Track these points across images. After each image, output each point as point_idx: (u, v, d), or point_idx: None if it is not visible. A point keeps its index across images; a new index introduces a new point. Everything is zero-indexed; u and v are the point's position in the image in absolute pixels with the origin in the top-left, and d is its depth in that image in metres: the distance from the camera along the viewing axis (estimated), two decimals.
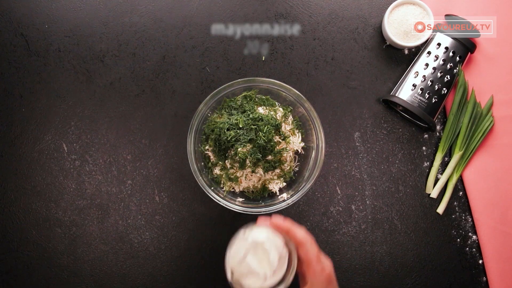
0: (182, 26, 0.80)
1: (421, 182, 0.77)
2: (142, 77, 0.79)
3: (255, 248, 0.57)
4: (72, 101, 0.78)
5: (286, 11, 0.80)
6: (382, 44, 0.80)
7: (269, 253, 0.56)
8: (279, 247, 0.57)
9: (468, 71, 0.78)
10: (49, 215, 0.76)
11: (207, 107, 0.72)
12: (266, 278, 0.56)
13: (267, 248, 0.57)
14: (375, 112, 0.78)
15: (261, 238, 0.57)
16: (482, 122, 0.76)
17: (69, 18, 0.80)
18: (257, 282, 0.57)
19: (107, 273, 0.76)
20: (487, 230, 0.75)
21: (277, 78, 0.76)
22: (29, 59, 0.79)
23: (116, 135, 0.78)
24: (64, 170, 0.77)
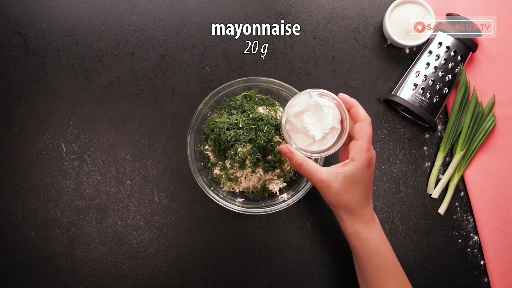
0: (181, 25, 0.79)
1: (422, 182, 0.77)
2: (141, 77, 0.78)
3: (315, 109, 0.61)
4: (70, 101, 0.78)
5: (286, 10, 0.80)
6: (383, 43, 0.79)
7: (326, 117, 0.60)
8: (336, 117, 0.61)
9: (470, 70, 0.78)
10: (47, 215, 0.76)
11: (206, 106, 0.71)
12: (314, 140, 0.61)
13: (326, 112, 0.60)
14: (376, 111, 0.78)
15: (324, 102, 0.61)
16: (484, 122, 0.76)
17: (67, 17, 0.79)
18: (304, 141, 0.62)
19: (106, 273, 0.75)
20: (488, 230, 0.74)
21: (277, 77, 0.76)
22: (28, 58, 0.79)
23: (115, 135, 0.77)
24: (63, 170, 0.77)
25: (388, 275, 0.62)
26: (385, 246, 0.62)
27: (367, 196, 0.61)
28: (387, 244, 0.63)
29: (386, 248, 0.62)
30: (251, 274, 0.75)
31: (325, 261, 0.75)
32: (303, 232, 0.76)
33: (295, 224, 0.76)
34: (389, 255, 0.62)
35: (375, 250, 0.61)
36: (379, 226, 0.63)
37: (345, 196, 0.60)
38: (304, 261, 0.75)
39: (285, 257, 0.75)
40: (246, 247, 0.75)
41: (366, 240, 0.61)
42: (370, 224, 0.62)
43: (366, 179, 0.60)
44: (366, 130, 0.60)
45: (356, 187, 0.60)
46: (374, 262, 0.62)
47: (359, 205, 0.61)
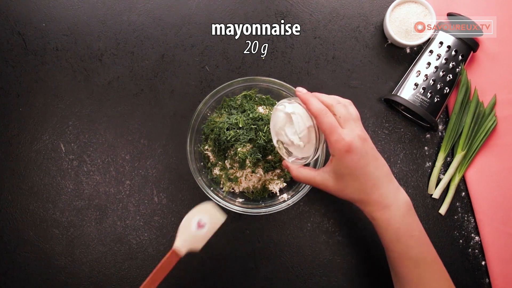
0: (181, 25, 0.79)
1: (423, 182, 0.77)
2: (141, 76, 0.78)
3: (289, 118, 0.61)
4: (69, 101, 0.78)
5: (287, 10, 0.79)
6: (384, 42, 0.79)
7: (297, 123, 0.60)
8: (305, 118, 0.59)
9: (471, 70, 0.77)
10: (46, 216, 0.76)
11: (206, 106, 0.71)
12: (303, 147, 0.60)
13: (294, 118, 0.60)
14: (377, 111, 0.78)
15: (293, 109, 0.60)
16: (485, 121, 0.75)
17: (66, 17, 0.79)
18: (298, 151, 0.62)
19: (105, 274, 0.75)
20: (490, 231, 0.74)
21: (277, 77, 0.76)
22: (26, 58, 0.78)
23: (114, 135, 0.77)
24: (62, 171, 0.76)
25: (411, 263, 0.58)
26: (408, 232, 0.57)
27: (368, 182, 0.57)
28: (411, 230, 0.58)
29: (410, 235, 0.57)
30: (251, 274, 0.75)
31: (326, 262, 0.75)
32: (303, 233, 0.75)
33: (295, 224, 0.75)
34: (412, 242, 0.57)
35: (396, 238, 0.58)
36: (402, 211, 0.57)
37: (345, 190, 0.58)
38: (304, 261, 0.75)
39: (285, 258, 0.75)
40: (246, 247, 0.75)
41: (386, 228, 0.58)
42: (389, 211, 0.57)
43: (355, 166, 0.56)
44: (325, 125, 0.56)
45: (350, 178, 0.57)
46: (395, 249, 0.58)
47: (364, 193, 0.57)
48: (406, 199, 0.59)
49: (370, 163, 0.57)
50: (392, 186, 0.58)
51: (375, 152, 0.58)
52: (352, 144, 0.55)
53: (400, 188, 0.60)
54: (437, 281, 0.59)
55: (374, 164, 0.57)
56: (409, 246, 0.57)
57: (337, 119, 0.57)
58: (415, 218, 0.59)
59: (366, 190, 0.57)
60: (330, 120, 0.56)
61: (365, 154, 0.56)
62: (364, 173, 0.56)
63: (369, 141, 0.58)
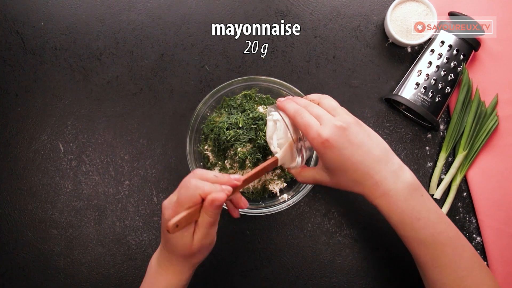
0: (180, 24, 0.78)
1: (425, 182, 0.76)
2: (140, 76, 0.78)
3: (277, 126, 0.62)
4: (68, 100, 0.77)
5: (287, 9, 0.79)
6: (385, 42, 0.78)
7: (278, 130, 0.60)
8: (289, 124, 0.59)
9: (472, 69, 0.77)
10: (45, 216, 0.75)
11: (206, 106, 0.71)
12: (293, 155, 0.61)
13: (278, 125, 0.61)
14: (378, 111, 0.77)
15: (276, 117, 0.61)
16: (487, 121, 0.75)
17: (65, 16, 0.79)
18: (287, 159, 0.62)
19: (104, 275, 0.74)
20: (491, 231, 0.73)
21: (277, 76, 0.75)
22: (25, 57, 0.78)
23: (113, 135, 0.77)
24: (61, 171, 0.76)
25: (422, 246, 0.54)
26: (414, 215, 0.54)
27: (358, 172, 0.54)
28: (416, 213, 0.54)
29: (416, 218, 0.54)
30: (251, 275, 0.74)
31: (326, 263, 0.74)
32: (304, 233, 0.75)
33: (295, 225, 0.75)
34: (420, 225, 0.54)
35: (401, 222, 0.54)
36: (404, 195, 0.54)
37: (340, 183, 0.57)
38: (304, 262, 0.74)
39: (286, 259, 0.74)
40: (246, 248, 0.75)
41: (389, 213, 0.55)
42: (388, 196, 0.54)
43: (339, 159, 0.54)
44: (301, 127, 0.56)
45: (339, 171, 0.55)
46: (403, 233, 0.55)
47: (359, 183, 0.55)
48: (408, 180, 0.55)
49: (356, 151, 0.54)
50: (389, 169, 0.55)
51: (361, 137, 0.55)
52: (329, 138, 0.53)
53: (402, 168, 0.56)
54: (454, 262, 0.54)
55: (360, 152, 0.54)
56: (417, 229, 0.54)
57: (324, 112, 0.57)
58: (421, 199, 0.55)
59: (360, 180, 0.55)
60: (304, 120, 0.55)
61: (348, 145, 0.54)
62: (352, 163, 0.54)
63: (351, 128, 0.55)
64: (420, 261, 0.56)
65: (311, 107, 0.58)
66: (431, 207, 0.56)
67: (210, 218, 0.52)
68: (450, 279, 0.54)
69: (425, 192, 0.56)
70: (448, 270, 0.54)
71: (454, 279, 0.54)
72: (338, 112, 0.57)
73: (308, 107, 0.58)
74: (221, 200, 0.50)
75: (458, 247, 0.55)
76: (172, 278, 0.57)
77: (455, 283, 0.54)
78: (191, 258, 0.56)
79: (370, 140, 0.56)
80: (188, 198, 0.51)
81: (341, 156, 0.54)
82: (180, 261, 0.56)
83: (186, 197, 0.51)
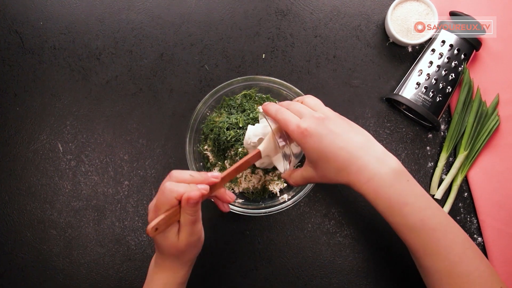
0: (180, 23, 0.78)
1: (425, 182, 0.76)
2: (139, 76, 0.77)
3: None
4: (67, 100, 0.77)
5: (287, 8, 0.79)
6: (385, 41, 0.78)
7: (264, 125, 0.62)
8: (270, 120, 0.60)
9: (473, 69, 0.76)
10: (44, 216, 0.75)
11: (205, 106, 0.70)
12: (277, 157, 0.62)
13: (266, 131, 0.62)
14: (378, 111, 0.77)
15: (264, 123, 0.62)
16: (488, 121, 0.75)
17: (64, 15, 0.78)
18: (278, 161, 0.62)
19: (103, 276, 0.74)
20: (492, 232, 0.73)
21: (277, 76, 0.75)
22: (24, 57, 0.78)
23: (112, 135, 0.76)
24: (60, 171, 0.76)
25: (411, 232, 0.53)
26: (401, 201, 0.52)
27: (339, 159, 0.53)
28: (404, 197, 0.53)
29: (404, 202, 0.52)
30: (251, 276, 0.74)
31: (326, 263, 0.74)
32: (304, 234, 0.75)
33: (295, 225, 0.75)
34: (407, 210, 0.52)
35: (388, 208, 0.53)
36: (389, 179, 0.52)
37: (326, 175, 0.55)
38: (305, 263, 0.74)
39: (286, 259, 0.74)
40: (246, 248, 0.74)
41: (375, 200, 0.53)
42: (373, 181, 0.52)
43: (318, 148, 0.53)
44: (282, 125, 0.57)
45: (321, 161, 0.54)
46: (391, 220, 0.54)
47: (342, 171, 0.53)
48: (392, 165, 0.53)
49: (336, 139, 0.53)
50: (372, 154, 0.53)
51: (342, 126, 0.55)
52: (308, 127, 0.53)
53: (386, 154, 0.55)
54: (445, 248, 0.52)
55: (341, 139, 0.53)
56: (405, 215, 0.53)
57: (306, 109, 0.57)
58: (407, 184, 0.53)
59: (343, 167, 0.53)
60: (284, 115, 0.56)
61: (328, 132, 0.53)
62: (332, 151, 0.53)
63: (332, 119, 0.55)
64: (412, 248, 0.55)
65: (293, 105, 0.58)
66: (418, 192, 0.54)
67: (191, 216, 0.53)
68: (442, 266, 0.53)
69: (411, 178, 0.55)
70: (440, 257, 0.53)
71: (447, 265, 0.53)
72: (319, 108, 0.58)
73: (290, 106, 0.59)
74: (195, 198, 0.51)
75: (448, 232, 0.53)
76: (168, 276, 0.58)
77: (448, 269, 0.53)
78: (182, 256, 0.57)
79: (351, 128, 0.56)
80: (164, 202, 0.52)
81: (321, 143, 0.53)
82: (172, 260, 0.57)
83: (162, 201, 0.52)
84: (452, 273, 0.53)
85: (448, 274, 0.53)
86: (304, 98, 0.60)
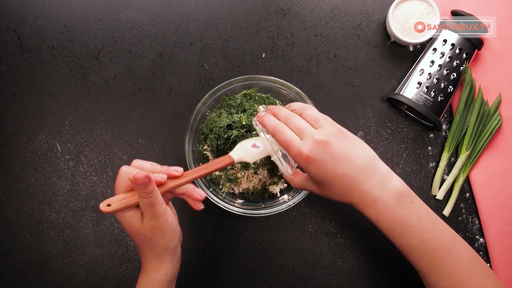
0: (179, 22, 0.78)
1: (427, 183, 0.75)
2: (139, 75, 0.77)
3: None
4: (66, 100, 0.76)
5: (287, 7, 0.78)
6: (386, 40, 0.78)
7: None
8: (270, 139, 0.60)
9: (475, 68, 0.76)
10: (42, 217, 0.74)
11: (205, 105, 0.70)
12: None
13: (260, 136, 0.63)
14: (379, 111, 0.76)
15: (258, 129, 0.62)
16: (490, 121, 0.74)
17: (63, 14, 0.78)
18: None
19: (102, 277, 0.74)
20: (495, 232, 0.73)
21: (277, 75, 0.75)
22: (22, 56, 0.77)
23: (111, 135, 0.76)
24: (58, 171, 0.75)
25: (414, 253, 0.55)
26: (403, 223, 0.54)
27: (343, 185, 0.54)
28: (406, 221, 0.54)
29: (405, 225, 0.54)
30: (251, 277, 0.73)
31: (327, 264, 0.74)
32: (304, 234, 0.74)
33: (296, 226, 0.74)
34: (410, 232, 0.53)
35: (390, 230, 0.55)
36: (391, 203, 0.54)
37: (329, 195, 0.56)
38: (305, 264, 0.74)
39: (286, 260, 0.74)
40: (246, 249, 0.74)
41: (378, 222, 0.55)
42: (376, 205, 0.54)
43: (323, 174, 0.53)
44: (282, 144, 0.55)
45: (325, 185, 0.55)
46: (394, 241, 0.56)
47: (346, 195, 0.54)
48: (395, 189, 0.54)
49: (340, 165, 0.53)
50: (375, 178, 0.54)
51: (344, 149, 0.54)
52: (311, 154, 0.52)
53: (390, 175, 0.55)
54: (450, 267, 0.53)
55: (344, 165, 0.53)
56: (407, 237, 0.54)
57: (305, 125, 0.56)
58: (411, 206, 0.54)
59: (347, 192, 0.54)
60: (284, 136, 0.55)
61: (330, 158, 0.53)
62: (336, 177, 0.53)
63: (334, 142, 0.53)
64: (416, 267, 0.56)
65: (292, 119, 0.56)
66: (422, 213, 0.55)
67: (145, 198, 0.52)
68: (447, 284, 0.53)
69: (416, 198, 0.55)
70: (445, 276, 0.53)
71: (451, 284, 0.53)
72: (321, 123, 0.55)
73: (289, 120, 0.56)
74: (141, 178, 0.50)
75: (453, 251, 0.54)
76: (149, 273, 0.57)
77: (453, 287, 0.53)
78: (151, 244, 0.55)
79: (354, 150, 0.54)
80: (119, 184, 0.54)
81: (325, 170, 0.53)
82: (147, 253, 0.56)
83: (117, 184, 0.54)
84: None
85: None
86: (304, 110, 0.58)
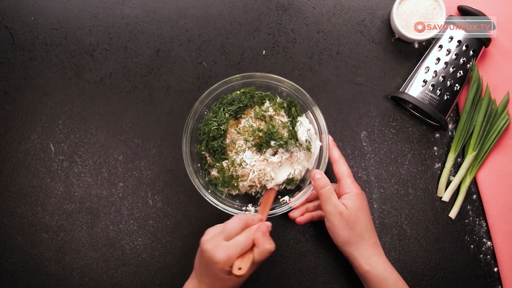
0: (177, 18, 0.77)
1: (432, 184, 0.74)
2: (135, 73, 0.76)
3: None
4: (59, 98, 0.76)
5: (288, 2, 0.77)
6: (391, 37, 0.77)
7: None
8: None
9: (482, 66, 0.75)
10: (35, 219, 0.73)
11: (203, 104, 0.69)
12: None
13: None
14: (383, 109, 0.75)
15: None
16: (497, 120, 0.73)
17: (56, 10, 0.77)
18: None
19: (97, 281, 0.73)
20: (502, 235, 0.71)
21: (278, 73, 0.74)
22: (14, 53, 0.76)
23: (106, 135, 0.75)
24: (51, 172, 0.74)
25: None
26: (396, 278, 0.64)
27: (372, 226, 0.64)
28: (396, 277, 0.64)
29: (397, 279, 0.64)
30: (251, 281, 0.71)
31: (329, 268, 0.73)
32: (306, 238, 0.73)
33: (297, 229, 0.73)
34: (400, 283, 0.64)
35: (393, 283, 0.63)
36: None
37: (357, 222, 0.62)
38: (307, 268, 0.73)
39: (287, 264, 0.73)
40: None
41: (382, 274, 0.62)
42: (382, 256, 0.64)
43: (366, 207, 0.64)
44: (321, 194, 0.64)
45: (363, 214, 0.63)
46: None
47: (369, 233, 0.63)
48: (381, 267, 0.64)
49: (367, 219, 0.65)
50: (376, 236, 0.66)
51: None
52: (343, 213, 0.62)
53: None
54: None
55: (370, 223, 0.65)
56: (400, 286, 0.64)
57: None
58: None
59: (369, 232, 0.64)
60: (326, 190, 0.63)
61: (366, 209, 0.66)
62: (370, 217, 0.65)
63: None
64: None
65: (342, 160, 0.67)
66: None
67: (260, 257, 0.58)
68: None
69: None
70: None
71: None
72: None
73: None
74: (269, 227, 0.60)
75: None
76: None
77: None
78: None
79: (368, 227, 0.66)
80: (235, 227, 0.58)
81: (366, 204, 0.65)
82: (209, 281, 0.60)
83: (233, 226, 0.58)
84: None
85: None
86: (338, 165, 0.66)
